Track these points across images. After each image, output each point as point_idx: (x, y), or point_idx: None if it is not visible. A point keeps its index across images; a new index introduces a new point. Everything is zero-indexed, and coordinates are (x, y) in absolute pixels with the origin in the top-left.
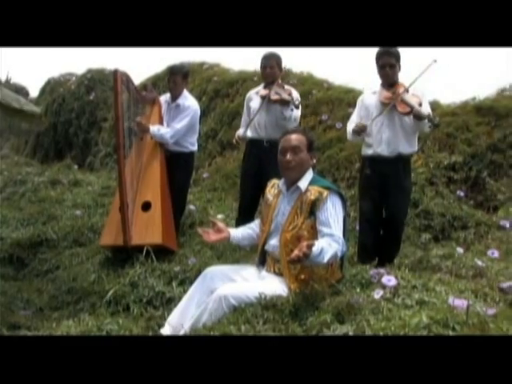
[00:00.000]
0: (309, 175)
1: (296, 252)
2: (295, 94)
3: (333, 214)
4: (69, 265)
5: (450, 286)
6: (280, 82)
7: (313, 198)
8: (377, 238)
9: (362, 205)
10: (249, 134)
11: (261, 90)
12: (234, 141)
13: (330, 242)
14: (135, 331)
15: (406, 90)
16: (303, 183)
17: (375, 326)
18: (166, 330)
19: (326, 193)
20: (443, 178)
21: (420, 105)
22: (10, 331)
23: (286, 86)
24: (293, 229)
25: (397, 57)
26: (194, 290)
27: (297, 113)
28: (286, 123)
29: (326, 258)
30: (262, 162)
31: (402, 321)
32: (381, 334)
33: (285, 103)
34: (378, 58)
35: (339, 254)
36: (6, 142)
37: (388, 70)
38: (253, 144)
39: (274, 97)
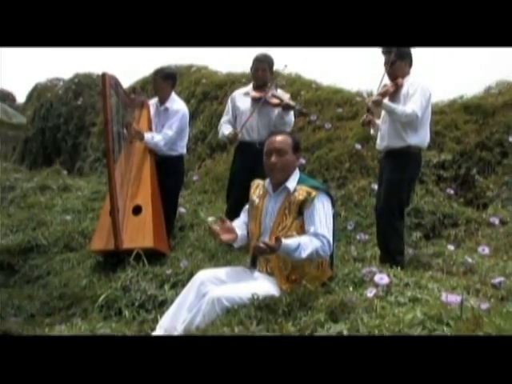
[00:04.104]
0: (296, 175)
1: (261, 244)
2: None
3: (320, 214)
4: (60, 270)
5: (442, 282)
6: (270, 84)
7: (301, 198)
8: None
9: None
10: (239, 135)
11: (251, 91)
12: (228, 138)
13: (311, 239)
14: (128, 335)
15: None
16: (291, 183)
17: (369, 323)
18: (157, 334)
19: (314, 193)
20: (433, 176)
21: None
22: None
23: (279, 90)
24: (282, 229)
25: (398, 53)
26: (185, 294)
27: (293, 117)
28: (283, 127)
29: (304, 253)
30: (254, 164)
31: (396, 317)
32: (376, 331)
33: (288, 108)
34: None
35: (322, 253)
36: None
37: (387, 67)
38: (244, 146)
39: (273, 101)
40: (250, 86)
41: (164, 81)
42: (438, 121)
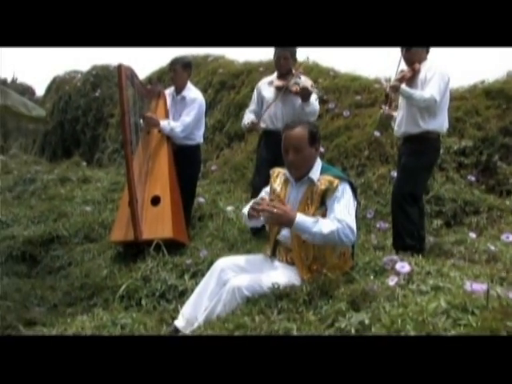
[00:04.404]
0: (318, 165)
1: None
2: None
3: (342, 203)
4: (81, 261)
5: (465, 271)
6: (294, 72)
7: (323, 187)
8: None
9: None
10: (263, 125)
11: (275, 80)
12: (246, 126)
13: (331, 220)
14: (149, 325)
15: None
16: (314, 174)
17: (392, 312)
18: (179, 322)
19: (336, 182)
20: (453, 163)
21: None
22: (26, 327)
23: (303, 77)
24: None
25: None
26: (206, 282)
27: (317, 106)
28: (307, 118)
29: (324, 230)
30: (278, 153)
31: (419, 306)
32: (398, 320)
33: (307, 93)
34: None
35: (344, 237)
36: (15, 141)
37: (403, 52)
38: (269, 135)
39: (294, 88)
40: (275, 74)
41: (184, 70)
42: (458, 107)
